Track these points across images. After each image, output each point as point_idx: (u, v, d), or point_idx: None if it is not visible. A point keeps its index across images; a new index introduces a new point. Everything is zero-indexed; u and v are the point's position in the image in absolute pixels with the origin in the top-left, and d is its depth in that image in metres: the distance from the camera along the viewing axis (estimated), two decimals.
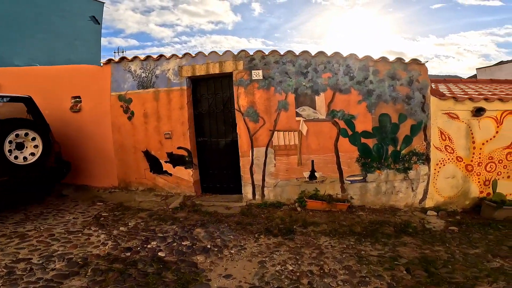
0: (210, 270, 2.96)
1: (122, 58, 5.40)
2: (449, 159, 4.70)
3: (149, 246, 3.43)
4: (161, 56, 5.21)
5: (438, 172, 4.71)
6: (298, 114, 4.80)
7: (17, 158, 4.15)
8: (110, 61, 5.44)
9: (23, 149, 4.25)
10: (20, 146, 4.21)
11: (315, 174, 4.86)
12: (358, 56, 4.64)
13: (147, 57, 5.27)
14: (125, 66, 5.35)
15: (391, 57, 4.65)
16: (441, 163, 4.70)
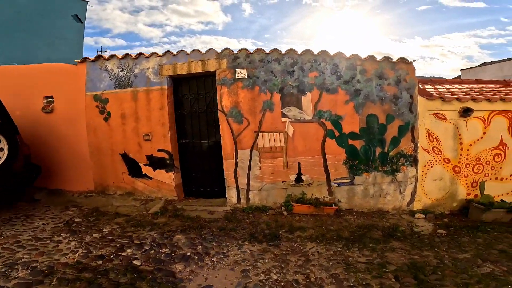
0: (189, 279, 2.81)
1: (99, 57, 5.14)
2: (436, 161, 4.63)
3: (123, 254, 3.23)
4: (140, 54, 4.97)
5: (426, 174, 4.64)
6: (284, 115, 4.64)
7: None
8: (85, 59, 5.18)
9: None
10: None
11: (302, 177, 4.71)
12: (345, 55, 4.54)
13: (125, 55, 5.04)
14: (101, 65, 5.10)
15: (379, 56, 4.58)
16: (428, 165, 4.63)
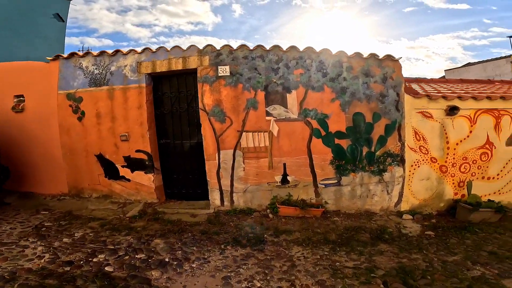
0: (166, 287, 2.63)
1: (72, 54, 4.87)
2: (423, 160, 4.54)
3: (95, 260, 3.04)
4: (117, 51, 4.72)
5: (413, 174, 4.55)
6: (268, 113, 4.47)
7: None
8: (58, 57, 4.90)
9: None
10: None
11: (288, 178, 4.54)
12: (331, 51, 4.41)
13: (101, 52, 4.77)
14: (75, 63, 4.83)
15: (365, 53, 4.46)
16: (415, 165, 4.54)
